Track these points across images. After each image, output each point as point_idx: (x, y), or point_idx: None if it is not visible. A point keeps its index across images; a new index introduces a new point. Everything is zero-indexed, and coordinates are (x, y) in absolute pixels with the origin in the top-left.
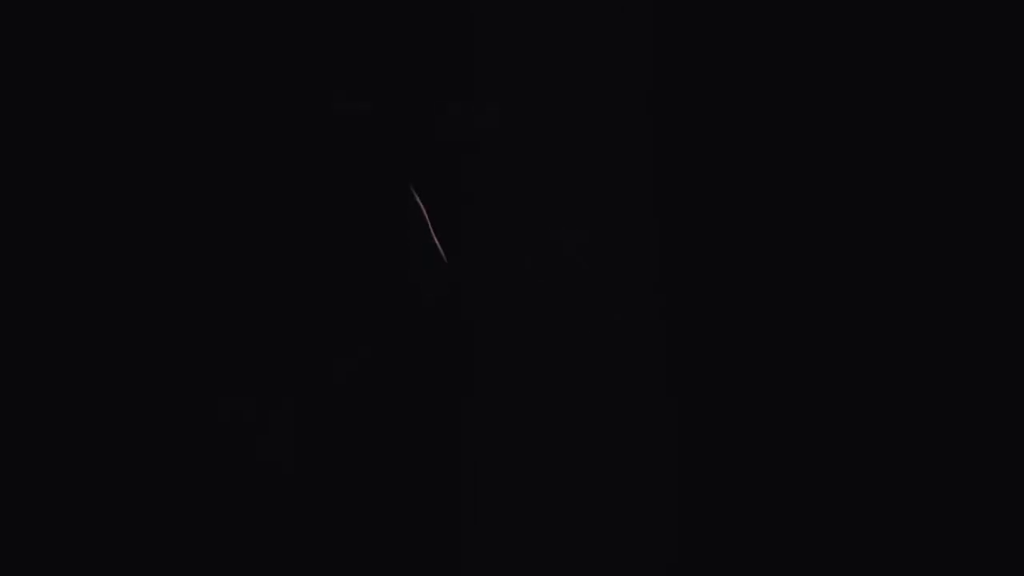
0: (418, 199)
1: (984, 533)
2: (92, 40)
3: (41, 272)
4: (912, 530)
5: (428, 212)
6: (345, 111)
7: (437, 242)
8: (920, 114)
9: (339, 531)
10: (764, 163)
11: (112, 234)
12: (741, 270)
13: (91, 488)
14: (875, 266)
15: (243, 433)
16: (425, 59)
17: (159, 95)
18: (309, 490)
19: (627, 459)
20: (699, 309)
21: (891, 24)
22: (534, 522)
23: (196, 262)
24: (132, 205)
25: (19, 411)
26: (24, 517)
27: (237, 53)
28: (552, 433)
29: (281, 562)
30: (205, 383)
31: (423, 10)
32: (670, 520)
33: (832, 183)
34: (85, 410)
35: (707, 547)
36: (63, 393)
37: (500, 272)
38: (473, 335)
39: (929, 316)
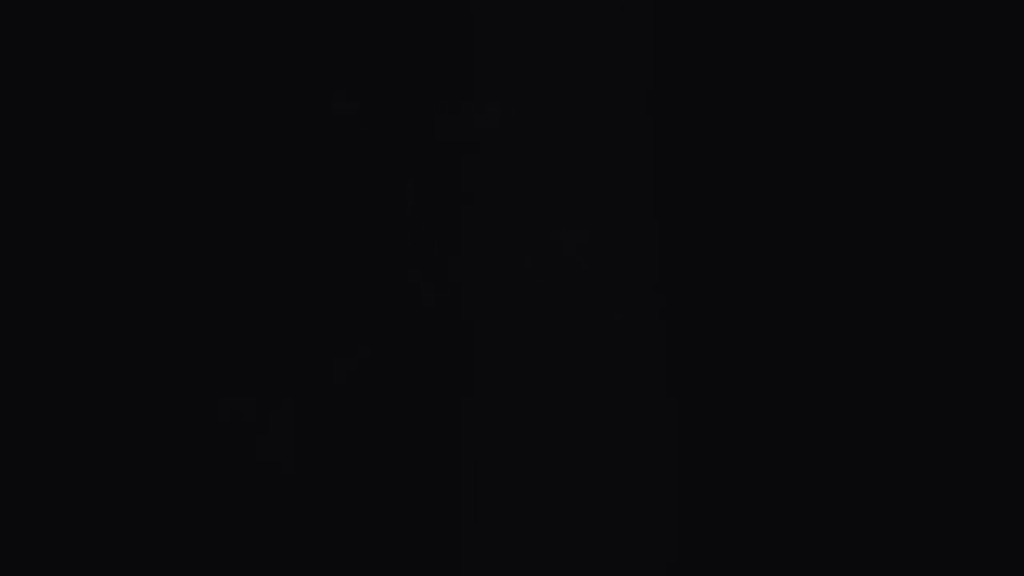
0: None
1: (984, 533)
2: (92, 40)
3: (41, 273)
4: (912, 530)
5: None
6: (344, 111)
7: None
8: (920, 115)
9: (339, 531)
10: (764, 163)
11: (112, 234)
12: (741, 270)
13: (91, 487)
14: (874, 265)
15: (243, 433)
16: (425, 59)
17: (158, 95)
18: (309, 490)
19: (627, 459)
20: (699, 309)
21: (891, 24)
22: (534, 522)
23: (196, 262)
24: (132, 205)
25: (19, 410)
26: (24, 516)
27: (236, 53)
28: (552, 433)
29: (281, 562)
30: (205, 383)
31: (423, 10)
32: (670, 520)
33: (832, 183)
34: (85, 410)
35: (707, 547)
36: (63, 393)
37: (500, 272)
38: (473, 335)
39: (929, 315)
